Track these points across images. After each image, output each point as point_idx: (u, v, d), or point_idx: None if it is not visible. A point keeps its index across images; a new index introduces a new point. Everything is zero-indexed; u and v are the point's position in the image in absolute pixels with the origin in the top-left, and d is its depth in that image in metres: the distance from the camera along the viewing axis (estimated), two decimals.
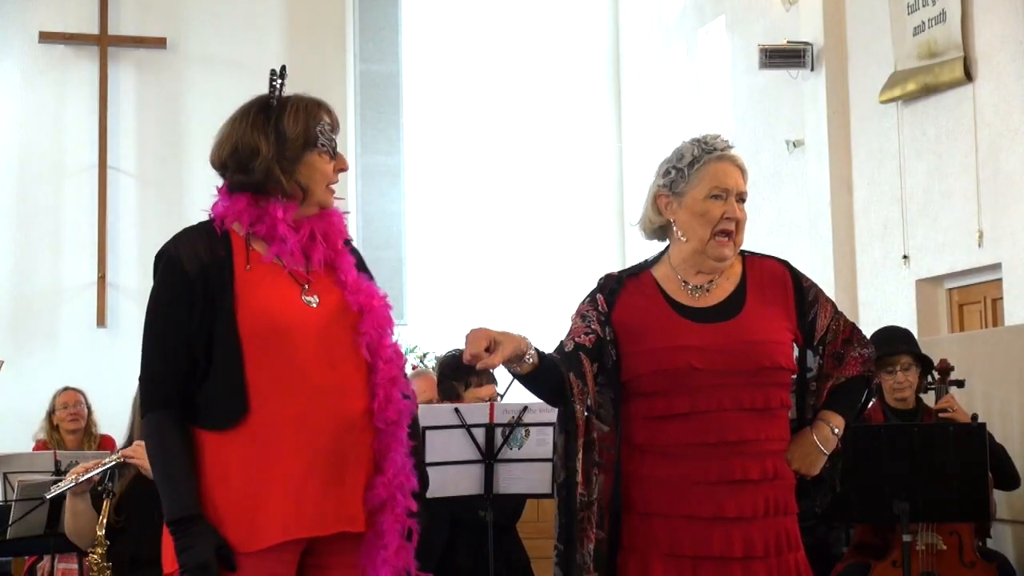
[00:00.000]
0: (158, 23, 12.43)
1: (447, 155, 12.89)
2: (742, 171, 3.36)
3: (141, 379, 3.06)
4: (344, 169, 3.19)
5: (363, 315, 3.08)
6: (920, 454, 5.17)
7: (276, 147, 3.07)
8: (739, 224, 3.33)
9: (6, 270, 11.82)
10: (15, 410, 9.95)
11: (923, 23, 9.29)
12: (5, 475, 6.41)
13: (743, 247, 3.43)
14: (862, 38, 10.13)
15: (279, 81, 3.21)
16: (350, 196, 12.34)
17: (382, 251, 12.23)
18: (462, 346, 5.59)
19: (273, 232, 3.07)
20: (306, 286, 3.08)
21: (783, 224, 10.86)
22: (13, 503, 5.91)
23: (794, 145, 10.63)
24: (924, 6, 9.27)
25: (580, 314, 3.38)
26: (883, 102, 9.71)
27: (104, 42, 12.22)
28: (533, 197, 13.20)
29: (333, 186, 3.16)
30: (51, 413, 8.06)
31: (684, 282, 3.37)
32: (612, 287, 3.40)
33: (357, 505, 3.02)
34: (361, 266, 3.22)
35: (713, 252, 3.34)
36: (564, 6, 13.63)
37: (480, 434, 5.08)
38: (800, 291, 3.40)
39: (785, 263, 3.48)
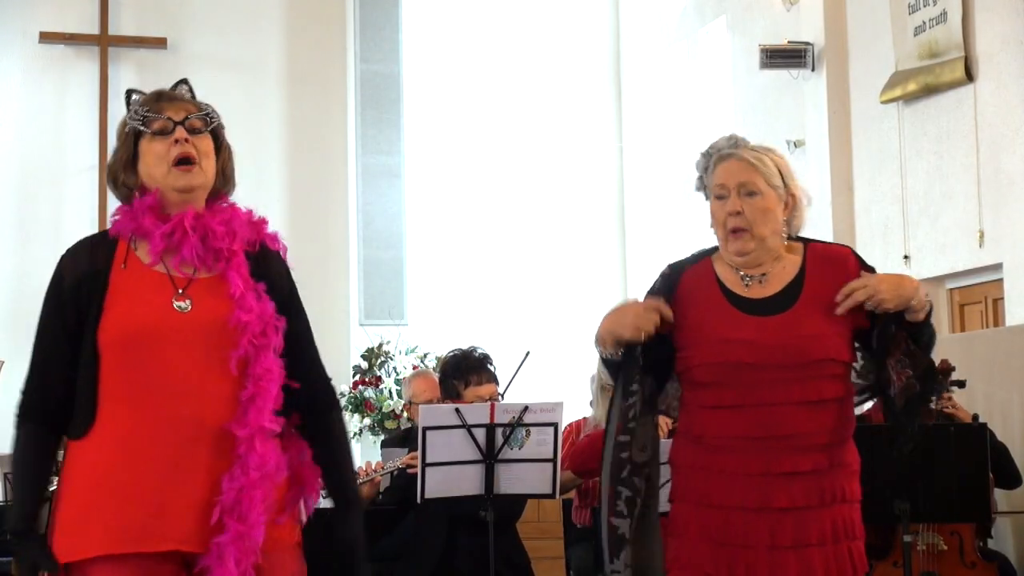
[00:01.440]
0: (158, 23, 12.42)
1: (447, 155, 12.87)
2: (747, 163, 3.36)
3: (23, 389, 3.09)
4: (180, 140, 3.02)
5: (241, 331, 2.98)
6: (921, 454, 5.16)
7: (113, 155, 3.09)
8: (747, 215, 3.33)
9: (6, 270, 11.81)
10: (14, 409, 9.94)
11: (924, 23, 9.28)
12: (5, 475, 6.41)
13: (805, 236, 3.47)
14: (863, 38, 10.13)
15: (129, 100, 3.14)
16: (350, 196, 12.33)
17: (382, 251, 12.22)
18: (463, 345, 5.65)
19: (141, 228, 3.02)
20: (181, 291, 3.00)
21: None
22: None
23: (795, 145, 10.62)
24: (925, 6, 9.26)
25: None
26: (884, 102, 9.70)
27: (104, 42, 12.21)
28: (534, 197, 13.19)
29: (183, 163, 3.01)
30: None
31: (739, 271, 3.40)
32: (670, 284, 3.43)
33: (195, 523, 2.93)
34: (263, 275, 3.09)
35: (730, 249, 3.39)
36: (565, 6, 13.62)
37: (480, 434, 5.08)
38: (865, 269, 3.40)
39: (850, 248, 3.54)
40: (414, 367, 10.85)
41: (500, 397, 5.51)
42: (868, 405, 6.25)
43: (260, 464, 2.94)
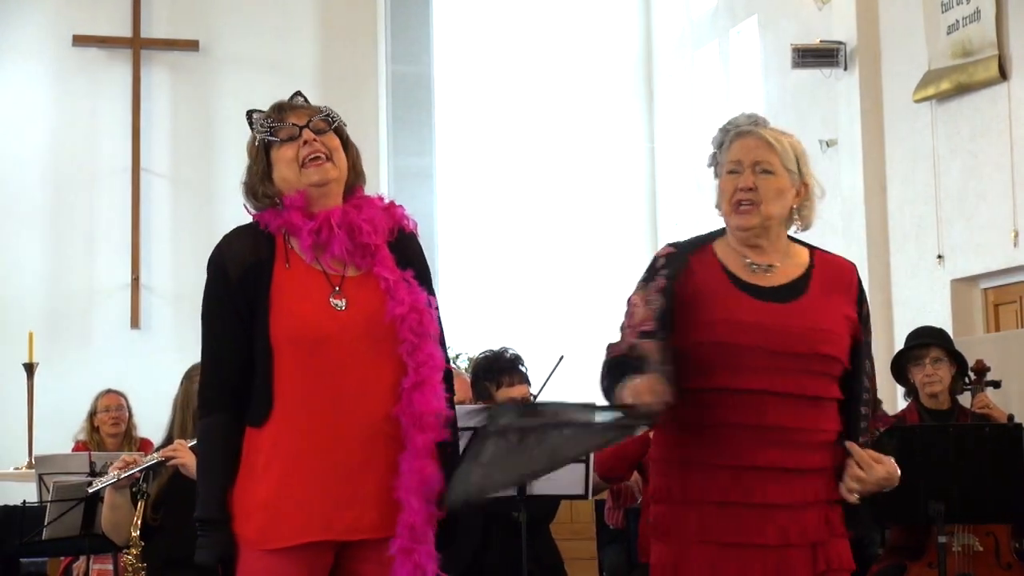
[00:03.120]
0: (190, 26, 12.47)
1: (479, 156, 12.89)
2: (766, 142, 3.29)
3: (199, 385, 3.17)
4: (310, 141, 3.11)
5: (399, 323, 3.07)
6: (955, 455, 5.14)
7: (248, 173, 3.17)
8: (758, 191, 3.25)
9: (41, 273, 11.88)
10: (49, 412, 10.00)
11: (957, 22, 9.24)
12: (41, 476, 6.45)
13: (811, 242, 3.40)
14: (895, 37, 10.09)
15: (254, 118, 3.22)
16: None
17: None
18: (495, 347, 5.65)
19: (291, 225, 3.10)
20: (337, 288, 3.09)
21: (817, 224, 10.78)
22: (49, 504, 5.94)
23: (827, 145, 10.59)
24: (958, 4, 9.22)
25: (645, 300, 3.26)
26: (917, 101, 9.67)
27: (137, 45, 12.27)
28: (565, 197, 13.19)
29: (314, 160, 3.10)
30: (92, 415, 8.10)
31: (745, 258, 3.30)
32: (676, 265, 3.31)
33: (376, 511, 3.03)
34: (408, 261, 3.19)
35: (733, 223, 3.29)
36: (596, 6, 13.61)
37: None
38: (861, 297, 3.35)
39: (851, 264, 3.46)
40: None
41: (532, 399, 5.51)
42: (903, 405, 6.25)
43: (426, 447, 3.05)
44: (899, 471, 3.35)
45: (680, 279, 3.23)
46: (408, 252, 3.22)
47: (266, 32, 12.59)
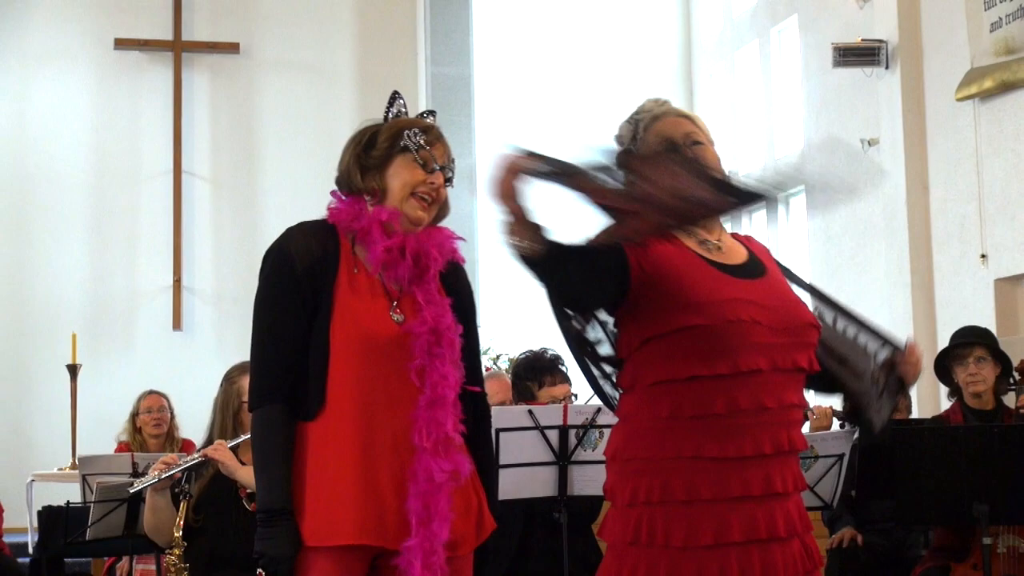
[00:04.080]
0: (231, 29, 12.53)
1: None
2: (689, 118, 3.22)
3: (252, 373, 3.14)
4: (437, 184, 3.19)
5: (414, 340, 3.10)
6: (1000, 455, 5.10)
7: (363, 150, 3.18)
8: (702, 161, 3.11)
9: (84, 274, 11.97)
10: (92, 413, 10.07)
11: (1000, 19, 9.18)
12: (84, 477, 6.49)
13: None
14: (937, 35, 10.03)
15: (395, 103, 3.29)
16: None
17: None
18: (534, 347, 5.66)
19: (367, 235, 3.13)
20: (395, 303, 3.13)
21: (859, 223, 10.76)
22: (92, 504, 5.98)
23: (869, 144, 10.54)
24: (1001, 2, 9.16)
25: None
26: (959, 99, 9.60)
27: (178, 48, 12.34)
28: None
29: (423, 199, 3.17)
30: (135, 415, 8.14)
31: (695, 235, 3.04)
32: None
33: (404, 524, 3.06)
34: (452, 290, 3.25)
35: None
36: (635, 6, 13.60)
37: (554, 436, 5.07)
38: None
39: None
40: (487, 369, 10.86)
41: (575, 397, 5.51)
42: (946, 405, 6.21)
43: (443, 469, 3.06)
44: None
45: (638, 257, 2.90)
46: (456, 282, 3.30)
47: (306, 35, 12.64)
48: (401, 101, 3.28)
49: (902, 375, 3.19)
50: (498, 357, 11.62)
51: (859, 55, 10.37)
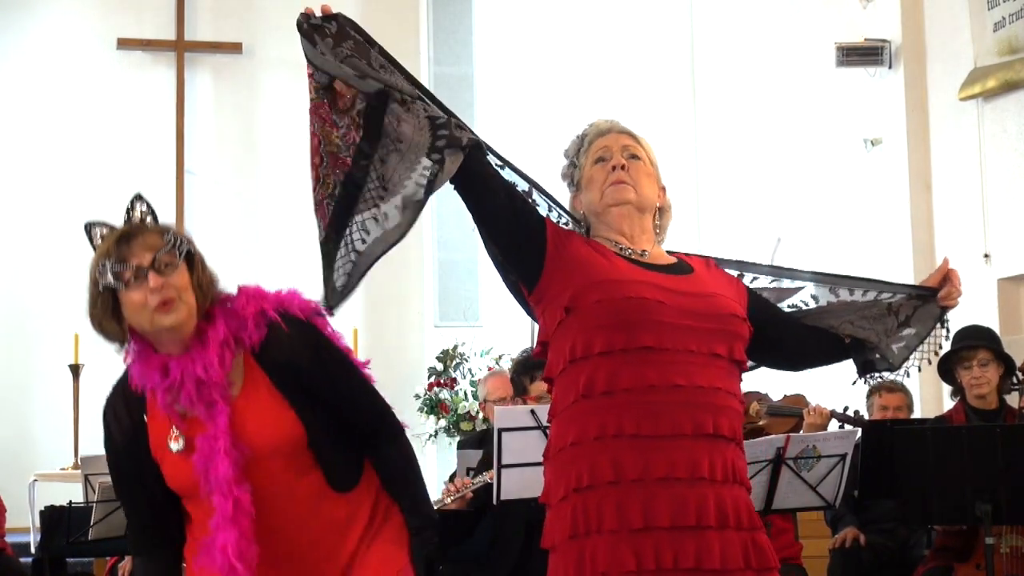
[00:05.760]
0: (234, 29, 12.53)
1: (521, 157, 12.83)
2: (631, 135, 3.27)
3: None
4: (156, 287, 2.99)
5: (197, 464, 3.04)
6: (1003, 455, 5.10)
7: (96, 309, 3.09)
8: (631, 173, 3.16)
9: (86, 274, 11.95)
10: (95, 413, 10.04)
11: (1003, 19, 9.17)
12: (87, 477, 6.49)
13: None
14: (941, 35, 10.02)
15: (93, 230, 3.17)
16: None
17: (456, 252, 12.25)
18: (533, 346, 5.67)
19: (150, 384, 3.08)
20: (174, 429, 3.07)
21: (861, 223, 10.75)
22: (95, 504, 5.98)
23: (872, 144, 10.53)
24: (1004, 1, 9.15)
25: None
26: (963, 99, 9.59)
27: (181, 48, 12.33)
28: None
29: (158, 304, 3.00)
30: None
31: (616, 244, 3.15)
32: (570, 230, 3.25)
33: None
34: (272, 367, 3.08)
35: (608, 199, 3.16)
36: (639, 6, 13.58)
37: None
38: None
39: (705, 257, 3.31)
40: (489, 368, 10.87)
41: None
42: (949, 405, 6.21)
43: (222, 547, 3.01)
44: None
45: (554, 229, 3.18)
46: (272, 358, 3.07)
47: None
48: (97, 230, 3.15)
49: (942, 300, 3.35)
50: (500, 357, 11.61)
51: (862, 55, 10.36)
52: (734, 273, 3.28)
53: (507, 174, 3.28)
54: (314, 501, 3.09)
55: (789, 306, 3.32)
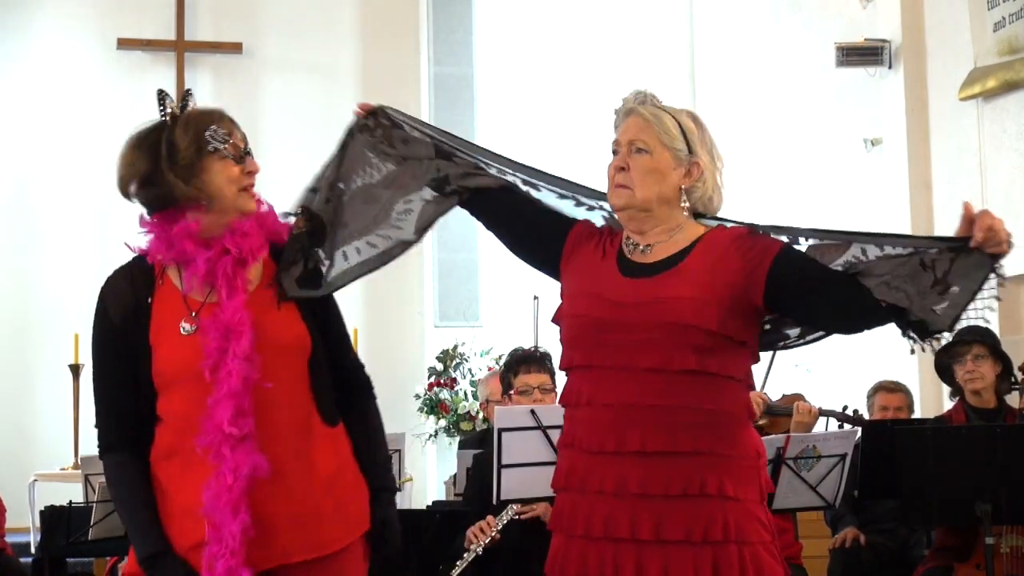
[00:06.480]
0: (234, 29, 12.53)
1: (521, 157, 12.84)
2: (643, 120, 3.18)
3: (96, 421, 3.15)
4: (255, 171, 3.17)
5: (207, 338, 3.03)
6: (1003, 455, 5.09)
7: (168, 158, 3.06)
8: (630, 173, 3.14)
9: (86, 274, 11.87)
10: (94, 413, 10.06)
11: (1003, 19, 9.16)
12: (87, 477, 6.49)
13: (721, 217, 3.26)
14: (941, 35, 10.01)
15: (166, 103, 3.16)
16: None
17: (456, 253, 12.25)
18: (528, 345, 5.70)
19: (184, 255, 3.08)
20: (193, 314, 3.08)
21: (861, 223, 10.75)
22: (95, 504, 5.98)
23: (872, 144, 10.53)
24: (1004, 1, 9.14)
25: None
26: (963, 99, 9.59)
27: (181, 48, 12.34)
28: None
29: (248, 185, 3.15)
30: None
31: (629, 239, 3.20)
32: (593, 231, 3.30)
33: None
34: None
35: (611, 203, 3.20)
36: (639, 6, 13.58)
37: (556, 436, 5.06)
38: (748, 245, 3.11)
39: (748, 226, 3.21)
40: (489, 368, 10.86)
41: (554, 388, 5.53)
42: (949, 405, 6.21)
43: (233, 468, 2.98)
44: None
45: (580, 247, 3.26)
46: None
47: (308, 34, 12.64)
48: (169, 99, 3.17)
49: (986, 247, 3.14)
50: (500, 357, 11.61)
51: (862, 55, 10.35)
52: (784, 239, 3.14)
53: (545, 195, 3.43)
54: (303, 414, 3.12)
55: (843, 264, 3.06)
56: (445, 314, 12.24)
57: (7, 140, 11.99)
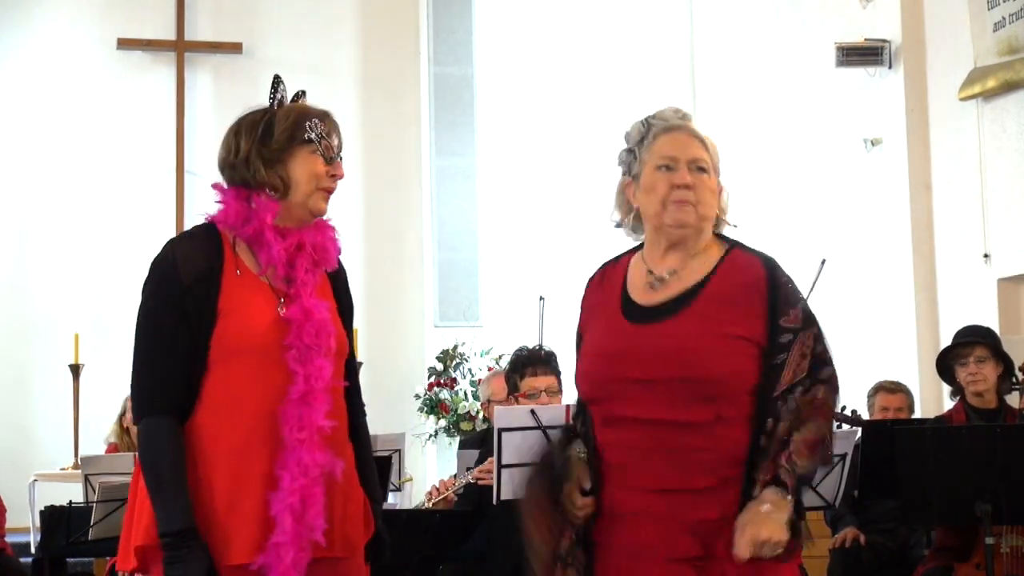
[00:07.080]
0: (234, 29, 12.53)
1: (521, 156, 12.87)
2: (700, 140, 3.15)
3: (136, 384, 3.06)
4: (339, 176, 3.15)
5: (291, 327, 3.05)
6: (1003, 455, 5.09)
7: (260, 141, 3.09)
8: (697, 192, 3.08)
9: (86, 274, 11.95)
10: (94, 413, 10.07)
11: (1003, 19, 9.16)
12: (87, 477, 6.49)
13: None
14: (941, 35, 10.02)
15: (279, 88, 3.24)
16: (424, 198, 12.38)
17: (456, 253, 12.25)
18: (531, 344, 5.69)
19: (260, 237, 3.08)
20: (282, 300, 3.08)
21: (861, 223, 10.75)
22: (95, 504, 5.98)
23: (872, 144, 10.53)
24: (1004, 1, 9.15)
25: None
26: (962, 99, 9.59)
27: (181, 48, 12.34)
28: (607, 199, 13.13)
29: (328, 194, 3.14)
30: (122, 416, 8.15)
31: (649, 271, 3.16)
32: (586, 295, 3.34)
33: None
34: (337, 293, 3.24)
35: (669, 219, 3.10)
36: (639, 6, 13.58)
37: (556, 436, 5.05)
38: (774, 300, 3.04)
39: (768, 262, 3.12)
40: (489, 368, 10.86)
41: (561, 390, 5.52)
42: (949, 405, 6.21)
43: (316, 463, 2.99)
44: (773, 535, 3.19)
45: (584, 306, 3.30)
46: (338, 285, 3.28)
47: (309, 34, 12.64)
48: (283, 86, 3.22)
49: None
50: (500, 357, 11.61)
51: (862, 55, 10.35)
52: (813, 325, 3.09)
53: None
54: (338, 408, 3.14)
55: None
56: (445, 314, 12.24)
57: (7, 140, 11.99)
